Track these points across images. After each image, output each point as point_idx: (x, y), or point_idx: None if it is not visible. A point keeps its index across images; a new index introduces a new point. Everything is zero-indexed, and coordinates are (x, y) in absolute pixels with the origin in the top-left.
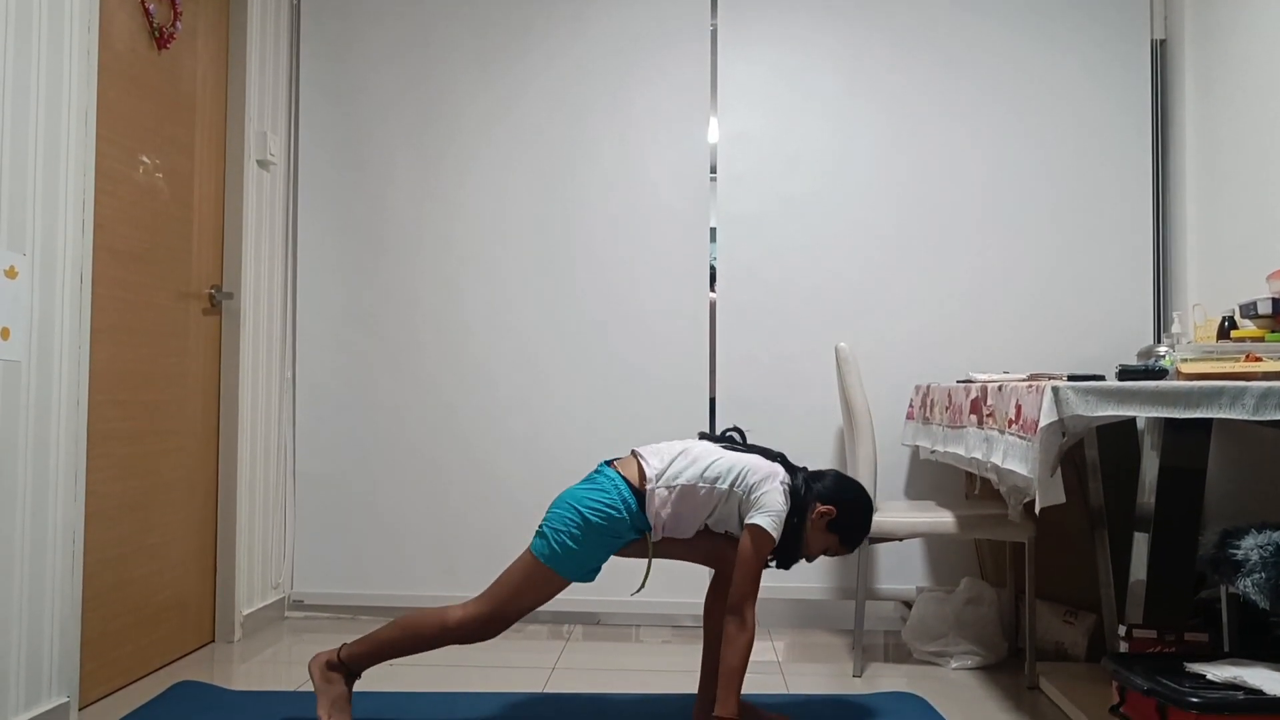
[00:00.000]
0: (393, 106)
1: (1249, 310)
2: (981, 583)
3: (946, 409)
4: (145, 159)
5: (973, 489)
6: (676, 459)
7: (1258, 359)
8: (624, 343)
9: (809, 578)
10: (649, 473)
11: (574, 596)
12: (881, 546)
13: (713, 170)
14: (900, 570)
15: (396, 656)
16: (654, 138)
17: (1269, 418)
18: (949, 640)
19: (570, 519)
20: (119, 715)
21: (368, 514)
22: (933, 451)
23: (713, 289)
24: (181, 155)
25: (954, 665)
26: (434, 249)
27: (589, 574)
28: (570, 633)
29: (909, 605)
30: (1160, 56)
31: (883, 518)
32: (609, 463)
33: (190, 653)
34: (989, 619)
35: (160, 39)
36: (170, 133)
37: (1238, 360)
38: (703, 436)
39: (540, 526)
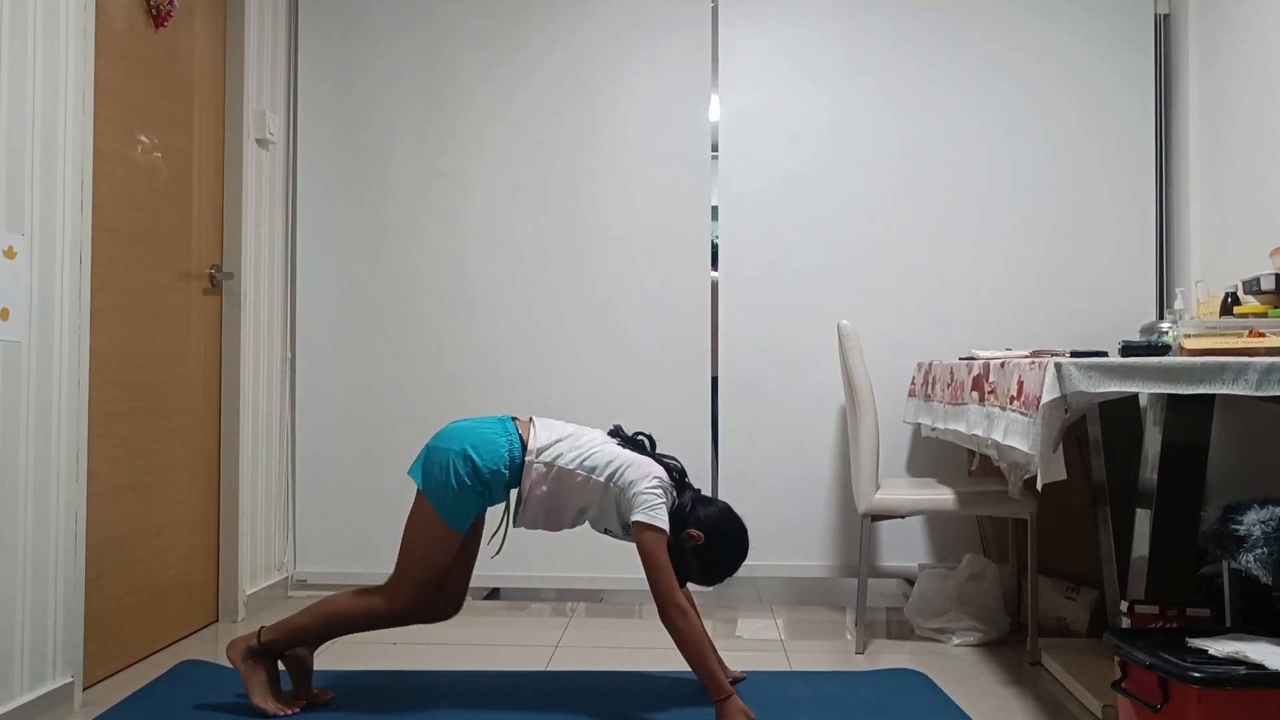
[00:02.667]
0: (393, 85)
1: (1252, 286)
2: (983, 559)
3: (948, 386)
4: (144, 138)
5: (973, 465)
6: (564, 439)
7: (1261, 334)
8: (626, 321)
9: (811, 556)
10: (531, 444)
11: (577, 574)
12: (883, 524)
13: (714, 148)
14: (902, 547)
15: (322, 641)
16: (656, 116)
17: (1272, 393)
18: (951, 617)
19: (458, 463)
20: (123, 695)
21: (370, 493)
22: (933, 429)
23: (715, 267)
24: (180, 134)
25: (956, 641)
26: (435, 227)
27: (463, 523)
28: (573, 610)
29: (911, 582)
30: (1164, 31)
31: (885, 495)
32: (513, 419)
33: (194, 632)
34: (991, 595)
35: (158, 17)
36: (169, 112)
37: (1241, 336)
38: (613, 434)
39: (419, 462)
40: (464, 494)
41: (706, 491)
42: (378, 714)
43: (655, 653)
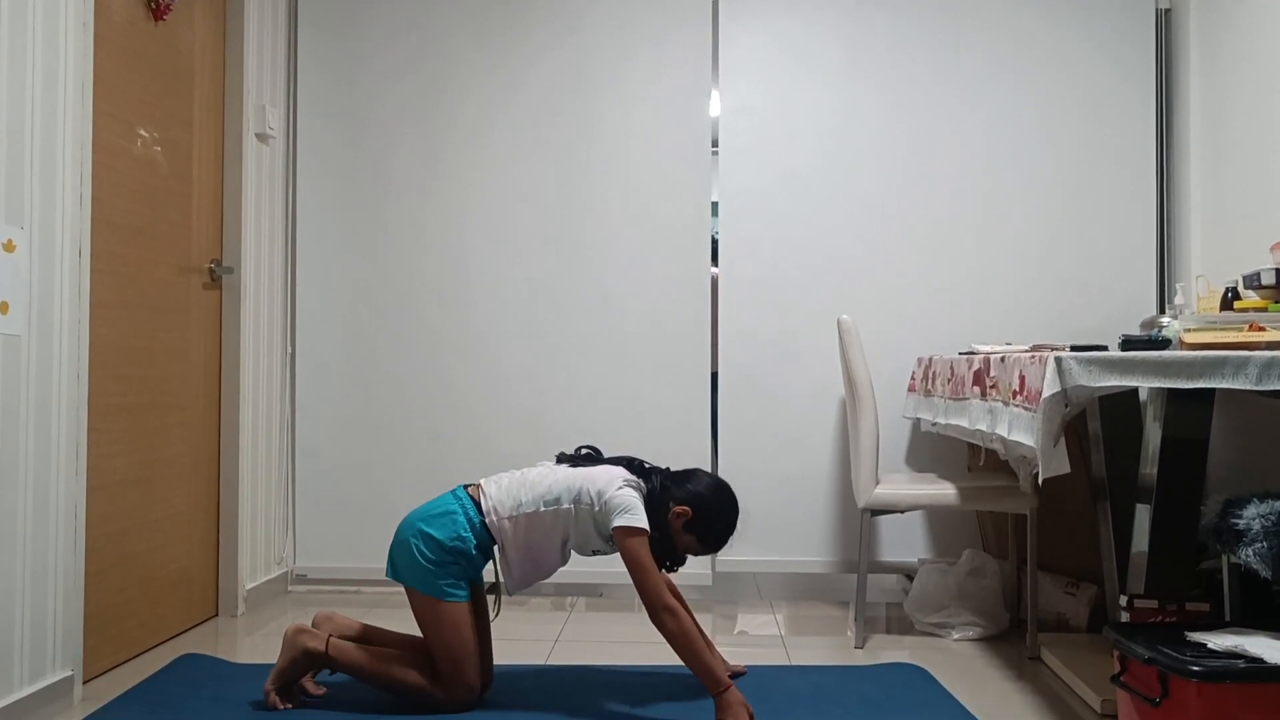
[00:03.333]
0: (394, 81)
1: (1252, 281)
2: (983, 554)
3: (948, 381)
4: (143, 132)
5: (975, 461)
6: (515, 487)
7: (1261, 329)
8: (626, 316)
9: (810, 551)
10: (484, 504)
11: (577, 569)
12: (883, 519)
13: (714, 144)
14: (902, 542)
15: (365, 681)
16: (656, 112)
17: (1272, 387)
18: (951, 612)
19: (420, 544)
20: (123, 688)
21: (370, 488)
22: (934, 424)
23: (715, 263)
24: (180, 129)
25: (956, 636)
26: (435, 223)
27: (453, 592)
28: (573, 605)
29: (911, 577)
30: (1165, 25)
31: (885, 490)
32: (466, 487)
33: (194, 627)
34: (991, 590)
35: (157, 10)
36: (168, 106)
37: (1241, 330)
38: (560, 459)
39: (391, 551)
40: (438, 568)
41: None
42: (378, 708)
43: (655, 647)
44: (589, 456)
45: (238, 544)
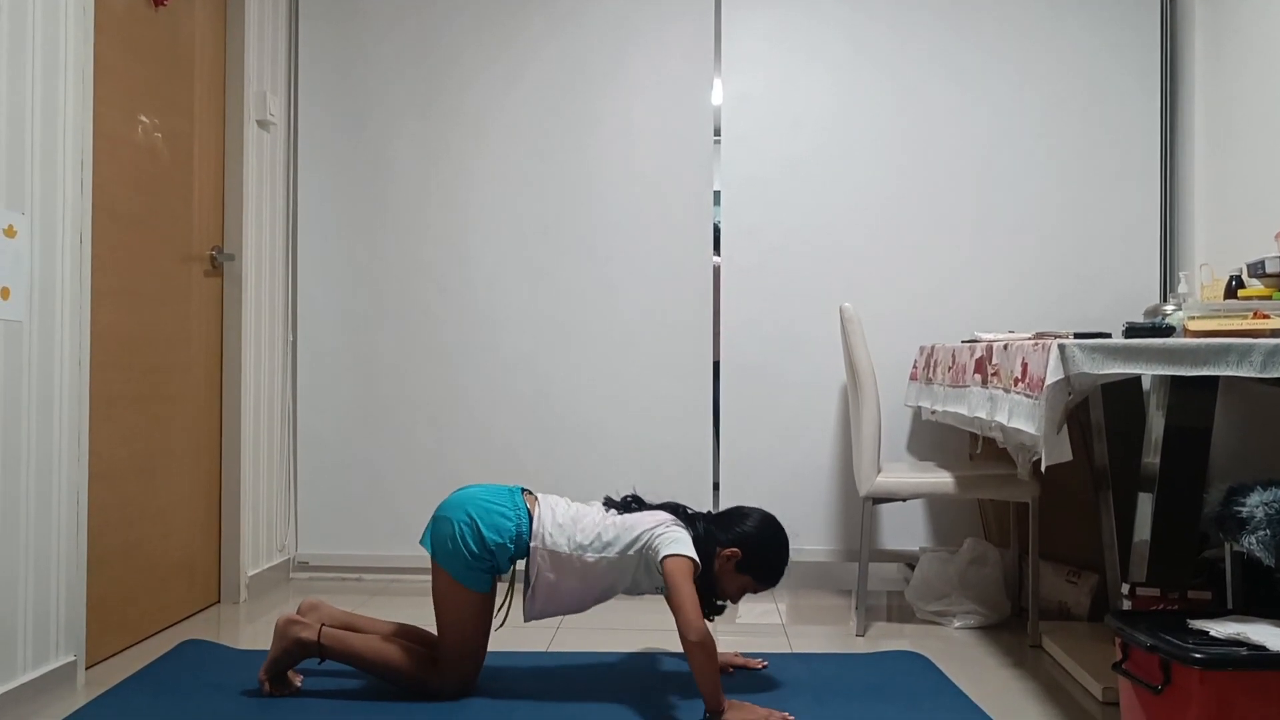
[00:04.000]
0: (394, 68)
1: (1257, 269)
2: (985, 543)
3: (949, 369)
4: (144, 119)
5: (975, 449)
6: (572, 527)
7: (1265, 316)
8: (628, 305)
9: (812, 539)
10: (536, 527)
11: None
12: (885, 507)
13: (716, 133)
14: (903, 531)
15: (357, 667)
16: (658, 100)
17: (1276, 375)
18: (952, 600)
19: (466, 532)
20: (126, 674)
21: (371, 475)
22: (933, 411)
23: (717, 251)
24: (180, 116)
25: (957, 625)
26: (437, 210)
27: (483, 584)
28: None
29: (912, 566)
30: (1169, 13)
31: (886, 478)
32: (523, 493)
33: (196, 613)
34: (992, 579)
35: None
36: (169, 93)
37: (1245, 318)
38: (607, 504)
39: (428, 531)
40: (474, 560)
41: (706, 480)
42: (379, 693)
43: (658, 634)
44: (635, 503)
45: (240, 531)
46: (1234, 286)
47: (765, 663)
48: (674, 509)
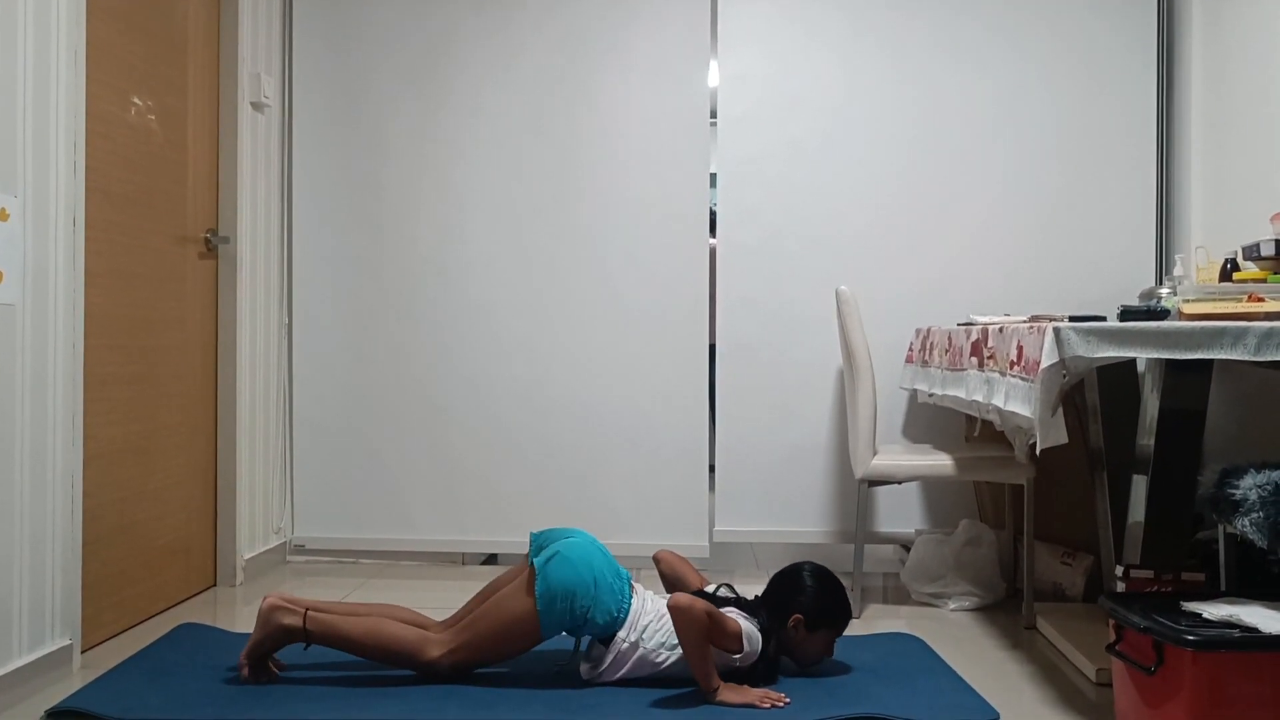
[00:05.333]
0: (389, 49)
1: (1251, 252)
2: (980, 525)
3: (946, 351)
4: (137, 100)
5: (972, 431)
6: (657, 628)
7: (1260, 299)
8: (625, 286)
9: (807, 521)
10: (631, 618)
11: None
12: (880, 489)
13: (713, 114)
14: (899, 513)
15: (351, 653)
16: (654, 81)
17: (1270, 358)
18: (947, 582)
19: (577, 593)
20: (122, 657)
21: (368, 458)
22: (930, 394)
23: (713, 233)
24: (174, 97)
25: (952, 606)
26: (432, 192)
27: (551, 634)
28: None
29: (908, 548)
30: None
31: (882, 460)
32: (629, 581)
33: (192, 596)
34: (987, 560)
35: None
36: (162, 74)
37: (1240, 301)
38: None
39: (550, 562)
40: (571, 622)
41: (702, 463)
42: (374, 682)
43: None
44: (701, 595)
45: (236, 514)
46: (1229, 269)
47: None
48: (737, 603)
